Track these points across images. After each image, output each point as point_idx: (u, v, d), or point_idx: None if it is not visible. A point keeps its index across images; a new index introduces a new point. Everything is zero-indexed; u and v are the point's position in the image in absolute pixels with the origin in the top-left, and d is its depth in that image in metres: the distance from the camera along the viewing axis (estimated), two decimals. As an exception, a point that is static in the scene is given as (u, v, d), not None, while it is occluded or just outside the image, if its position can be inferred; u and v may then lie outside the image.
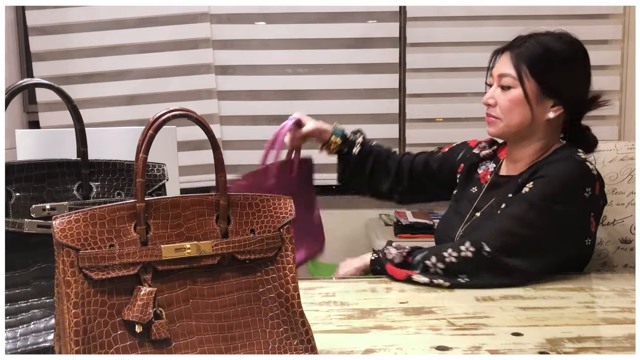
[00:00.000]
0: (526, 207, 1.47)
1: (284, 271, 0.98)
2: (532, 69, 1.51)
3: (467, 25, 2.78)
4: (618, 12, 2.84)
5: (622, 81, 2.86)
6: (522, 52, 1.53)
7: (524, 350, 1.09)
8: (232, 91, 2.92)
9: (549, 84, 1.52)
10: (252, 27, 2.91)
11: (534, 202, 1.46)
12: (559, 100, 1.54)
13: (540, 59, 1.52)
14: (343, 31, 2.88)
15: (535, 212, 1.46)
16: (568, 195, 1.47)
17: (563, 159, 1.53)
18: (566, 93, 1.54)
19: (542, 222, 1.46)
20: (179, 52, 2.87)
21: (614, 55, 2.85)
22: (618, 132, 2.88)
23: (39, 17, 2.82)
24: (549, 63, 1.52)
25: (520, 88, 1.52)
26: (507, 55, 1.55)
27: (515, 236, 1.45)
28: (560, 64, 1.53)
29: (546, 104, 1.53)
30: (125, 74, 2.87)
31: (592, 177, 1.50)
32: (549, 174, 1.48)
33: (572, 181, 1.49)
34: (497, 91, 1.55)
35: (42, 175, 1.13)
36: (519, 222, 1.46)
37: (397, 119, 2.88)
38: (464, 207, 1.66)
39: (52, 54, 2.85)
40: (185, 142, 2.60)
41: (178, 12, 2.84)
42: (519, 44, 1.55)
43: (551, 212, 1.46)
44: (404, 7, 2.84)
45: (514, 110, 1.53)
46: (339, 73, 2.91)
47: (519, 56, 1.53)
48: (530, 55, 1.52)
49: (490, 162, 1.69)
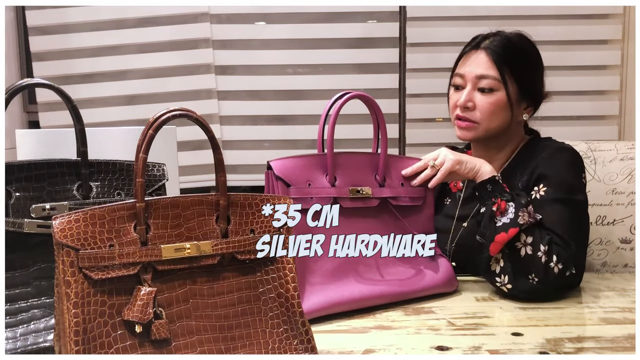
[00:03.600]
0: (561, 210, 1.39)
1: (284, 271, 0.98)
2: (513, 70, 1.47)
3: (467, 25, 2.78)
4: (618, 12, 2.84)
5: (622, 81, 2.85)
6: (501, 52, 1.47)
7: (524, 350, 1.09)
8: (232, 91, 2.91)
9: (525, 85, 1.50)
10: (252, 27, 2.90)
11: (563, 200, 1.41)
12: (532, 101, 1.53)
13: (518, 59, 1.49)
14: (343, 31, 2.88)
15: (569, 209, 1.40)
16: (580, 184, 1.46)
17: (556, 150, 1.49)
18: (536, 93, 1.53)
19: (579, 217, 1.43)
20: (179, 52, 2.86)
21: (614, 55, 2.85)
22: (618, 132, 2.87)
23: (39, 17, 2.82)
24: (525, 62, 1.50)
25: (503, 91, 1.47)
26: (484, 55, 1.49)
27: (583, 252, 1.45)
28: (531, 63, 1.52)
29: (521, 105, 1.52)
30: (125, 74, 2.87)
31: (583, 163, 1.51)
32: (556, 170, 1.44)
33: (577, 169, 1.48)
34: (474, 94, 1.48)
35: (42, 175, 1.13)
36: (570, 228, 1.38)
37: (397, 119, 2.88)
38: (442, 222, 1.60)
39: (52, 54, 2.85)
40: (185, 142, 2.60)
41: (178, 12, 2.84)
42: (490, 43, 1.49)
43: (579, 204, 1.44)
44: (404, 7, 2.84)
45: (496, 114, 1.48)
46: (339, 73, 2.91)
47: (500, 56, 1.47)
48: (509, 55, 1.47)
49: None
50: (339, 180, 1.30)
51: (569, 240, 1.35)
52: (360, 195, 1.32)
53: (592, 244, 1.78)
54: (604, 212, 1.76)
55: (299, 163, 1.27)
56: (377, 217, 1.35)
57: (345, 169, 1.32)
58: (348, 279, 1.29)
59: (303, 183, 1.26)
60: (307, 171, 1.28)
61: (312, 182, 1.27)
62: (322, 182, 1.29)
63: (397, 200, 1.37)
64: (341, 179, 1.31)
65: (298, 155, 1.29)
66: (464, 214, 1.58)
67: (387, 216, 1.36)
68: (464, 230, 1.57)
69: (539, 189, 1.43)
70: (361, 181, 1.33)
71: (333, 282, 1.27)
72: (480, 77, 1.48)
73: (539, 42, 1.57)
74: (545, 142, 1.54)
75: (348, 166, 1.32)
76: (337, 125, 1.31)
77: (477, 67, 1.48)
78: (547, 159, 1.47)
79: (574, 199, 1.43)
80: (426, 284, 1.37)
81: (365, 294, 1.29)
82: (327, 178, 1.29)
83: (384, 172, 1.37)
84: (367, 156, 1.37)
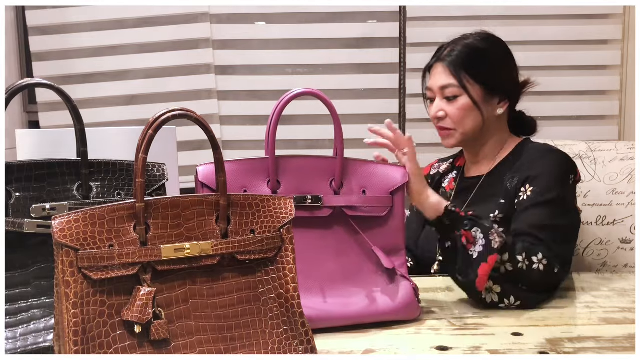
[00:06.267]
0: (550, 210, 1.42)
1: (284, 271, 0.98)
2: (472, 74, 1.54)
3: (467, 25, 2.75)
4: (618, 12, 2.84)
5: (622, 81, 2.85)
6: (456, 60, 1.55)
7: (524, 350, 1.09)
8: (232, 91, 2.91)
9: (491, 83, 1.55)
10: (252, 27, 2.90)
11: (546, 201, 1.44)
12: (504, 95, 1.57)
13: (476, 62, 1.55)
14: (343, 31, 2.88)
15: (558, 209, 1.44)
16: (566, 185, 1.49)
17: (544, 152, 1.54)
18: (507, 86, 1.58)
19: (568, 216, 1.46)
20: (179, 52, 2.86)
21: (614, 55, 2.84)
22: (618, 132, 2.87)
23: (39, 17, 2.82)
24: (484, 63, 1.56)
25: (466, 95, 1.54)
26: (442, 67, 1.57)
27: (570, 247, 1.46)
28: (493, 61, 1.57)
29: (493, 102, 1.57)
30: (125, 74, 2.87)
31: (574, 164, 1.54)
32: (543, 171, 1.48)
33: (565, 170, 1.50)
34: (442, 103, 1.56)
35: (42, 175, 1.13)
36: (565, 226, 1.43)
37: (397, 119, 2.88)
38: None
39: (52, 54, 2.85)
40: (185, 142, 2.60)
41: (178, 12, 2.84)
42: (447, 53, 1.57)
43: (567, 203, 1.47)
44: (404, 7, 2.84)
45: (466, 118, 1.55)
46: (339, 73, 2.91)
47: (455, 64, 1.54)
48: (465, 61, 1.54)
49: (451, 173, 1.70)
50: (283, 187, 1.18)
51: (548, 240, 1.37)
52: (306, 204, 1.19)
53: (592, 244, 1.78)
54: (604, 212, 1.76)
55: (232, 168, 1.15)
56: (329, 230, 1.20)
57: (294, 174, 1.19)
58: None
59: (238, 190, 1.15)
60: (242, 177, 1.16)
61: (249, 189, 1.16)
62: (262, 188, 1.17)
63: (354, 210, 1.22)
64: (286, 185, 1.18)
65: (234, 159, 1.17)
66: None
67: (342, 229, 1.22)
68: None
69: (526, 190, 1.47)
70: (312, 188, 1.20)
71: None
72: (443, 88, 1.56)
73: (539, 42, 1.58)
74: (535, 145, 1.59)
75: (298, 171, 1.20)
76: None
77: (439, 79, 1.57)
78: (535, 161, 1.51)
79: (557, 197, 1.45)
80: (377, 309, 1.21)
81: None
82: (269, 184, 1.18)
83: (341, 178, 1.22)
84: (324, 160, 1.23)
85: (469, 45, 1.56)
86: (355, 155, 1.26)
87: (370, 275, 1.22)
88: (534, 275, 1.33)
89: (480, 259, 1.27)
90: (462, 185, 1.64)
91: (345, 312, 1.19)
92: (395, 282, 1.25)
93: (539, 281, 1.34)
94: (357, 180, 1.24)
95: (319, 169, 1.22)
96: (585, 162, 1.85)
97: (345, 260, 1.22)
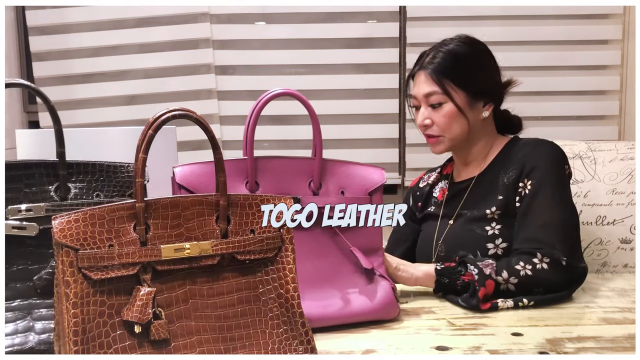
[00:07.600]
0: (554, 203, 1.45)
1: (284, 271, 0.98)
2: (455, 80, 1.54)
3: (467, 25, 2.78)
4: (618, 12, 2.84)
5: (622, 81, 2.85)
6: (438, 68, 1.55)
7: (524, 350, 1.09)
8: (232, 91, 2.91)
9: (474, 88, 1.55)
10: (252, 27, 2.90)
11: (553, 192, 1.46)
12: (488, 98, 1.58)
13: (458, 68, 1.55)
14: (343, 31, 2.88)
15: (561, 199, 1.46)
16: (563, 174, 1.51)
17: (535, 143, 1.55)
18: (491, 89, 1.58)
19: (571, 206, 1.48)
20: (179, 52, 2.86)
21: (614, 55, 2.84)
22: (618, 132, 2.87)
23: (39, 17, 2.82)
24: (467, 69, 1.56)
25: (450, 102, 1.54)
26: (424, 75, 1.57)
27: (573, 237, 1.46)
28: (476, 66, 1.58)
29: (478, 105, 1.57)
30: (125, 74, 2.87)
31: (565, 155, 1.55)
32: (539, 163, 1.49)
33: (560, 160, 1.52)
34: (427, 111, 1.57)
35: (19, 176, 1.10)
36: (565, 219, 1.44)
37: (397, 119, 2.88)
38: (427, 226, 1.66)
39: (52, 54, 2.84)
40: (185, 142, 2.60)
41: (178, 12, 2.84)
42: (429, 61, 1.57)
43: (564, 193, 1.48)
44: (404, 7, 2.84)
45: (453, 124, 1.55)
46: (339, 73, 2.90)
47: (437, 72, 1.55)
48: (447, 68, 1.54)
49: (440, 182, 1.71)
50: (261, 188, 1.18)
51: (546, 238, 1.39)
52: None
53: (592, 244, 1.78)
54: (604, 212, 1.77)
55: (209, 169, 1.12)
56: (307, 231, 1.19)
57: (272, 175, 1.19)
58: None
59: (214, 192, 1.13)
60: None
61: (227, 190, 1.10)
62: (241, 189, 1.16)
63: (332, 211, 1.21)
64: (265, 186, 1.18)
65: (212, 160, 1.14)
66: (448, 212, 1.62)
67: (320, 230, 1.22)
68: (451, 228, 1.59)
69: (525, 185, 1.48)
70: (291, 189, 1.20)
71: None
72: (427, 95, 1.56)
73: (539, 42, 1.58)
74: (525, 140, 1.60)
75: (277, 172, 1.20)
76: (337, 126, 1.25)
77: (423, 87, 1.57)
78: (529, 153, 1.52)
79: (555, 188, 1.46)
80: (356, 309, 1.21)
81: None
82: (248, 185, 1.17)
83: (319, 179, 1.22)
84: (302, 161, 1.23)
85: (451, 52, 1.56)
86: (359, 155, 1.26)
87: (350, 275, 1.23)
88: (542, 276, 1.34)
89: (479, 285, 1.32)
90: (453, 191, 1.64)
91: (324, 313, 1.19)
92: (374, 282, 1.26)
93: (552, 279, 1.35)
94: (335, 180, 1.25)
95: (298, 169, 1.22)
96: (585, 162, 1.85)
97: (324, 262, 1.23)
